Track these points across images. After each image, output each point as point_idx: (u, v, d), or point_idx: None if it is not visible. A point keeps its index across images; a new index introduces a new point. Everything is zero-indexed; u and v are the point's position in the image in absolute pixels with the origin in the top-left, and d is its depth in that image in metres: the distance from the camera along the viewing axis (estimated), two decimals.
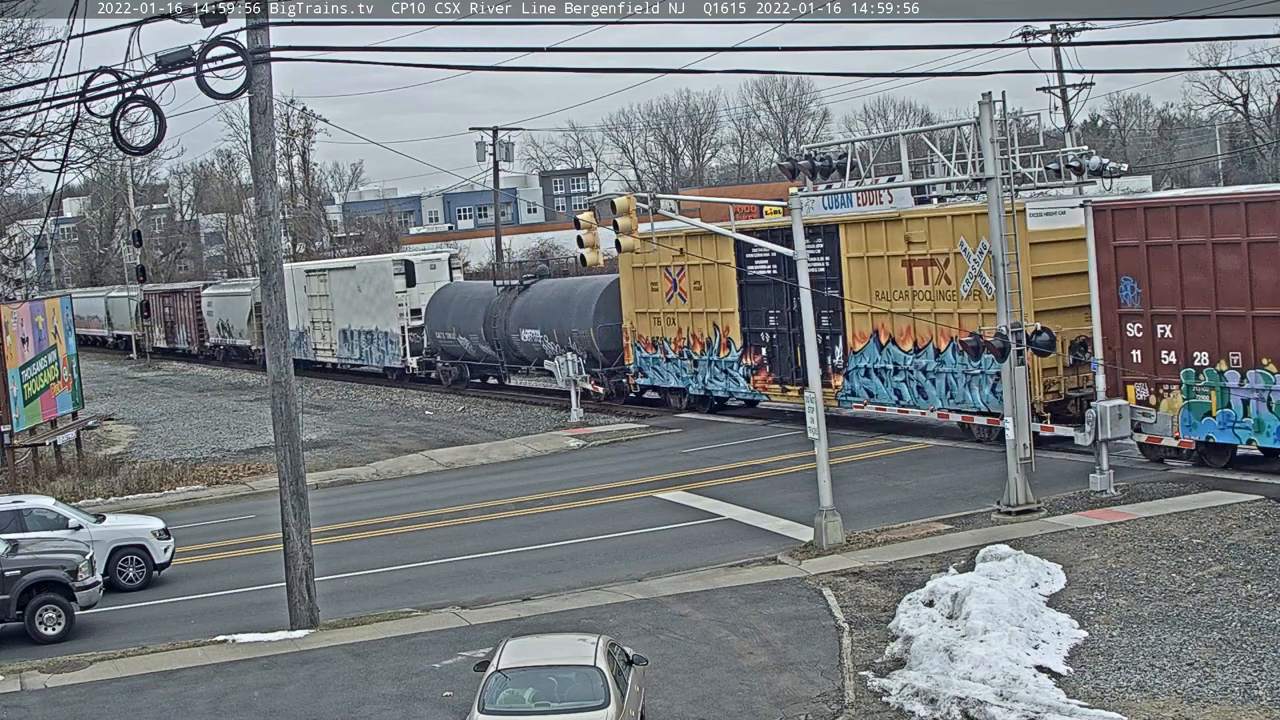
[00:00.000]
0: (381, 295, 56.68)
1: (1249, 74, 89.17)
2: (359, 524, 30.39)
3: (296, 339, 62.30)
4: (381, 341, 56.99)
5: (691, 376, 40.56)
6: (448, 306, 52.74)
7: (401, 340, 55.39)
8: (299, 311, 62.33)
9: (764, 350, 37.70)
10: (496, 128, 68.37)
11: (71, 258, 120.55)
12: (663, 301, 41.24)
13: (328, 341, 62.30)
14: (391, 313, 55.97)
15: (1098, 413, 26.04)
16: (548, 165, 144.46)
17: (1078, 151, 27.73)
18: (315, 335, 63.40)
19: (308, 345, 63.70)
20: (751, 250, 36.54)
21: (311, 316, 63.37)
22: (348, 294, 59.76)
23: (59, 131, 32.48)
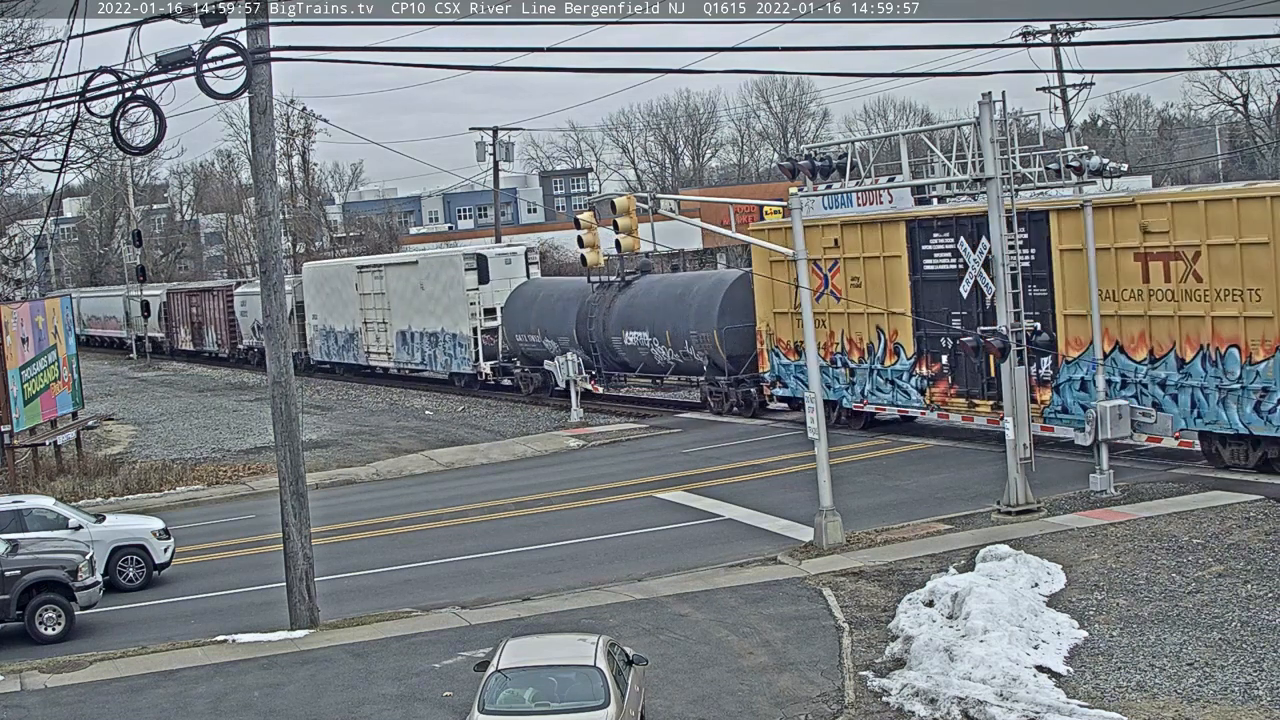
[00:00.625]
0: (449, 293, 51.71)
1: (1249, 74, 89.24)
2: (359, 524, 30.39)
3: (345, 341, 60.56)
4: (448, 344, 52.12)
5: (846, 388, 34.97)
6: (530, 305, 47.84)
7: (473, 343, 50.70)
8: (349, 311, 59.56)
9: (944, 358, 32.41)
10: (496, 128, 68.39)
11: (71, 258, 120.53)
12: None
13: (383, 344, 57.50)
14: (461, 312, 50.98)
15: (1098, 413, 26.04)
16: (548, 165, 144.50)
17: (1078, 151, 27.69)
18: (368, 337, 58.64)
19: (358, 348, 59.67)
20: (931, 240, 32.51)
21: (364, 317, 58.69)
22: (408, 292, 54.94)
23: (59, 131, 32.52)
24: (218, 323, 75.12)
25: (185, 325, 79.62)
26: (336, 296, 61.06)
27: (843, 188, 29.20)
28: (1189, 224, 26.79)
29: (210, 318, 76.24)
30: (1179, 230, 27.00)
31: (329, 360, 63.09)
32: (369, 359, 58.93)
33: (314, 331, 63.65)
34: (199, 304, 77.66)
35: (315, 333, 63.59)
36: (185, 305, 79.56)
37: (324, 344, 62.89)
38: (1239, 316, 25.87)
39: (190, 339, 79.10)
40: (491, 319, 50.07)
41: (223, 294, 74.60)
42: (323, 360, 63.77)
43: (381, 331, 57.32)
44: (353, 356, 60.09)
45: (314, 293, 63.39)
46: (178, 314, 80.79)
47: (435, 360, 53.45)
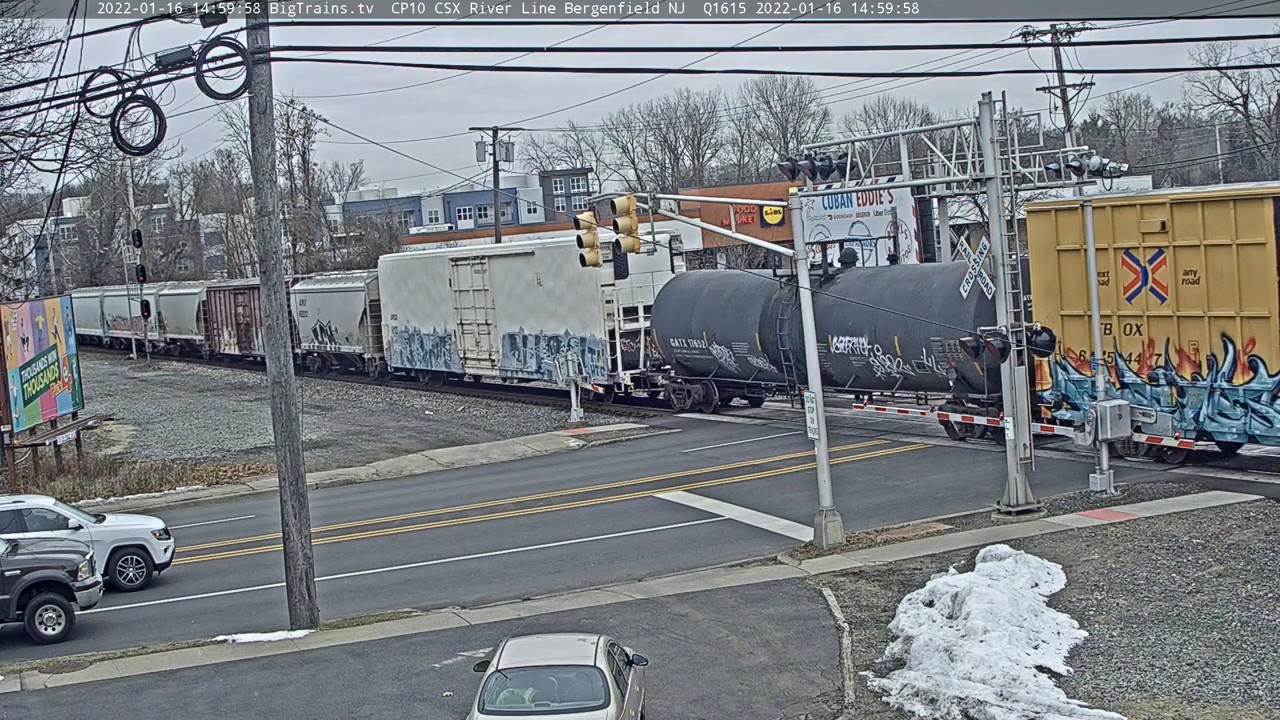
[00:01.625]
0: (576, 289, 44.14)
1: (1249, 74, 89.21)
2: (359, 524, 30.39)
3: (434, 345, 53.77)
4: (574, 350, 44.51)
5: (1173, 411, 27.60)
6: (691, 304, 40.24)
7: (608, 349, 43.17)
8: (439, 311, 52.66)
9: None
10: (496, 128, 68.37)
11: (71, 258, 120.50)
12: (1116, 300, 28.15)
13: (484, 349, 50.02)
14: (593, 312, 43.59)
15: (1098, 413, 26.04)
16: (548, 165, 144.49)
17: (1078, 151, 27.70)
18: (465, 341, 51.29)
19: (451, 353, 52.52)
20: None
21: (460, 317, 51.53)
22: (519, 288, 47.54)
23: (59, 131, 32.48)
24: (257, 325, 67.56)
25: (228, 327, 72.45)
26: (423, 294, 54.27)
27: (843, 188, 29.21)
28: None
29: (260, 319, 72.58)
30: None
31: (411, 367, 56.40)
32: (465, 366, 51.97)
33: (392, 334, 56.91)
34: (246, 303, 69.46)
35: (394, 335, 56.76)
36: (229, 305, 72.48)
37: (405, 348, 56.17)
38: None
39: (235, 342, 71.88)
40: (631, 320, 42.57)
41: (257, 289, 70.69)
42: (403, 367, 57.08)
43: (483, 334, 50.24)
44: (443, 363, 53.14)
45: (393, 290, 56.60)
46: (219, 314, 73.55)
47: (556, 368, 45.37)
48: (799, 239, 25.09)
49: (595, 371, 43.68)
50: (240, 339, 71.30)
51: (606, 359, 43.19)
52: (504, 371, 49.73)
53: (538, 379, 48.15)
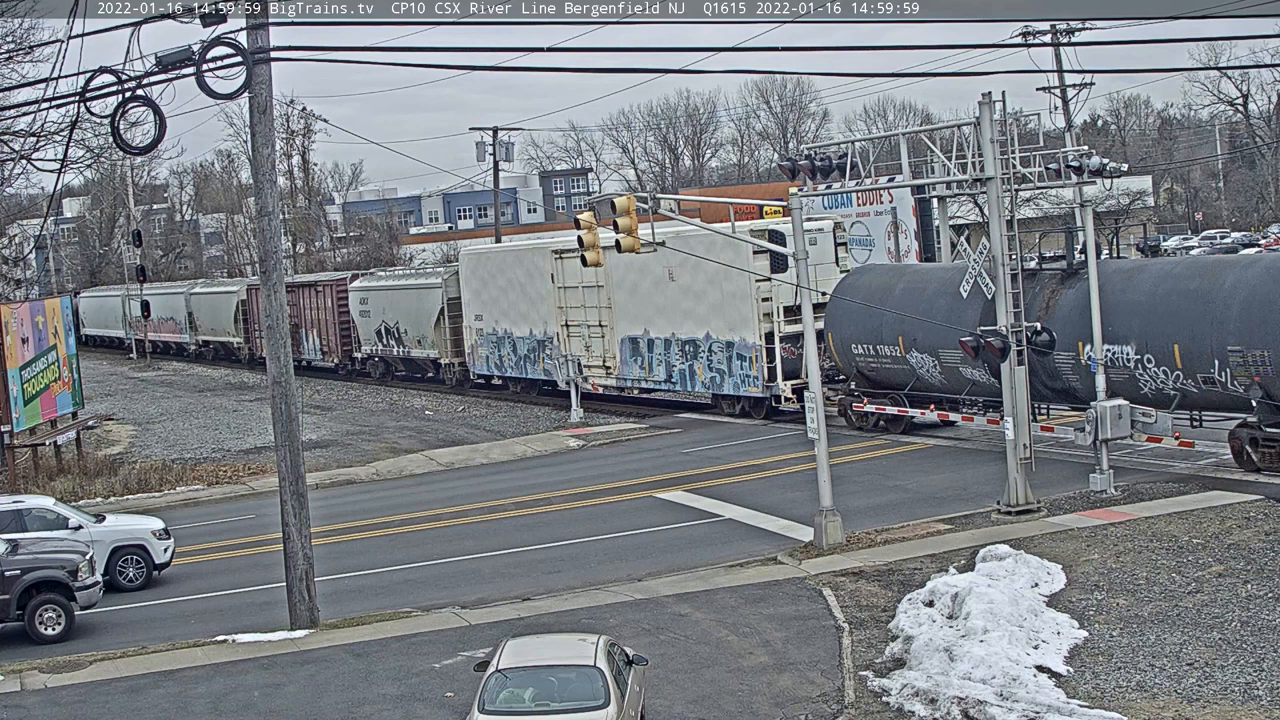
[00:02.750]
0: (722, 286, 38.24)
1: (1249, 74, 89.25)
2: (359, 524, 30.39)
3: (530, 350, 47.88)
4: (718, 357, 39.05)
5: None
6: (880, 303, 33.24)
7: (764, 356, 37.49)
8: (539, 310, 46.72)
9: None
10: (496, 128, 68.37)
11: (71, 258, 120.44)
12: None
13: (597, 355, 44.01)
14: (745, 313, 37.79)
15: (1098, 413, 26.04)
16: (548, 165, 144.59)
17: (1078, 151, 27.70)
18: (571, 345, 45.14)
19: (553, 357, 46.15)
20: None
21: (566, 317, 45.33)
22: (645, 284, 41.49)
23: (59, 131, 32.51)
24: (324, 325, 62.20)
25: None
26: (517, 291, 48.03)
27: (843, 188, 29.21)
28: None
29: (312, 319, 63.26)
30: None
31: (500, 374, 50.58)
32: (581, 372, 45.45)
33: (477, 336, 50.87)
34: (294, 301, 63.06)
35: (479, 339, 50.75)
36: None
37: (492, 353, 50.09)
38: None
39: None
40: (793, 322, 35.49)
41: (331, 289, 61.62)
42: (490, 374, 51.21)
43: (595, 338, 44.00)
44: (541, 370, 47.08)
45: (478, 286, 50.65)
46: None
47: (693, 379, 39.93)
48: (799, 239, 25.09)
49: (746, 381, 37.89)
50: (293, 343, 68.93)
51: (761, 367, 37.37)
52: (623, 380, 43.50)
53: (665, 390, 41.43)
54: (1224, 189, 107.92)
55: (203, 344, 77.29)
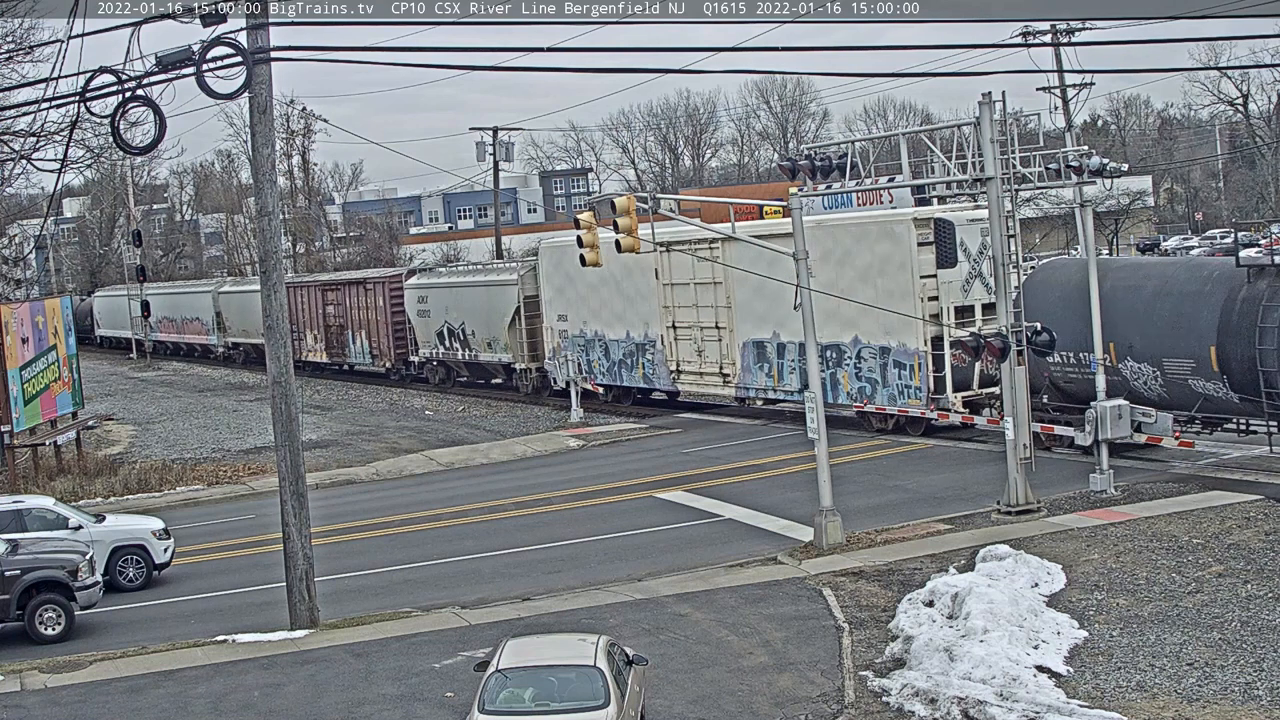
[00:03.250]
0: (876, 283, 33.29)
1: (1249, 74, 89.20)
2: (359, 524, 30.39)
3: (628, 354, 42.82)
4: (868, 365, 33.98)
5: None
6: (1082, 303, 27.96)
7: (927, 362, 32.61)
8: (639, 310, 41.88)
9: None
10: (496, 128, 68.36)
11: (71, 258, 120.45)
12: None
13: (713, 361, 39.24)
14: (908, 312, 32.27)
15: (1098, 413, 26.04)
16: (548, 165, 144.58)
17: (1078, 151, 27.69)
18: (680, 349, 40.47)
19: (656, 364, 41.49)
20: None
21: (672, 318, 40.35)
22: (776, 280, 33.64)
23: (59, 131, 32.49)
24: (374, 326, 56.99)
25: (314, 329, 61.81)
26: (611, 287, 42.81)
27: (843, 188, 29.20)
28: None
29: (360, 319, 58.04)
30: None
31: (592, 381, 44.65)
32: (679, 381, 40.33)
33: (559, 339, 45.77)
34: (339, 300, 59.25)
35: (564, 341, 45.55)
36: (315, 303, 61.42)
37: (580, 357, 44.80)
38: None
39: (323, 348, 61.42)
40: (965, 323, 32.11)
41: (383, 286, 56.32)
42: (577, 381, 44.29)
43: (709, 341, 39.32)
44: (641, 376, 42.16)
45: (561, 283, 45.39)
46: (302, 315, 62.21)
47: (835, 388, 35.26)
48: (799, 239, 25.09)
49: (906, 393, 33.11)
50: (330, 343, 60.54)
51: (925, 376, 32.43)
52: (744, 389, 38.50)
53: (797, 402, 35.13)
54: (1224, 189, 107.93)
55: (232, 347, 71.90)
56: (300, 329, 61.83)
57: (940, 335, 32.18)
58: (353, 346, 58.61)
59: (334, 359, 61.00)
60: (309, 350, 62.15)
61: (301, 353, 61.52)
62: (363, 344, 58.08)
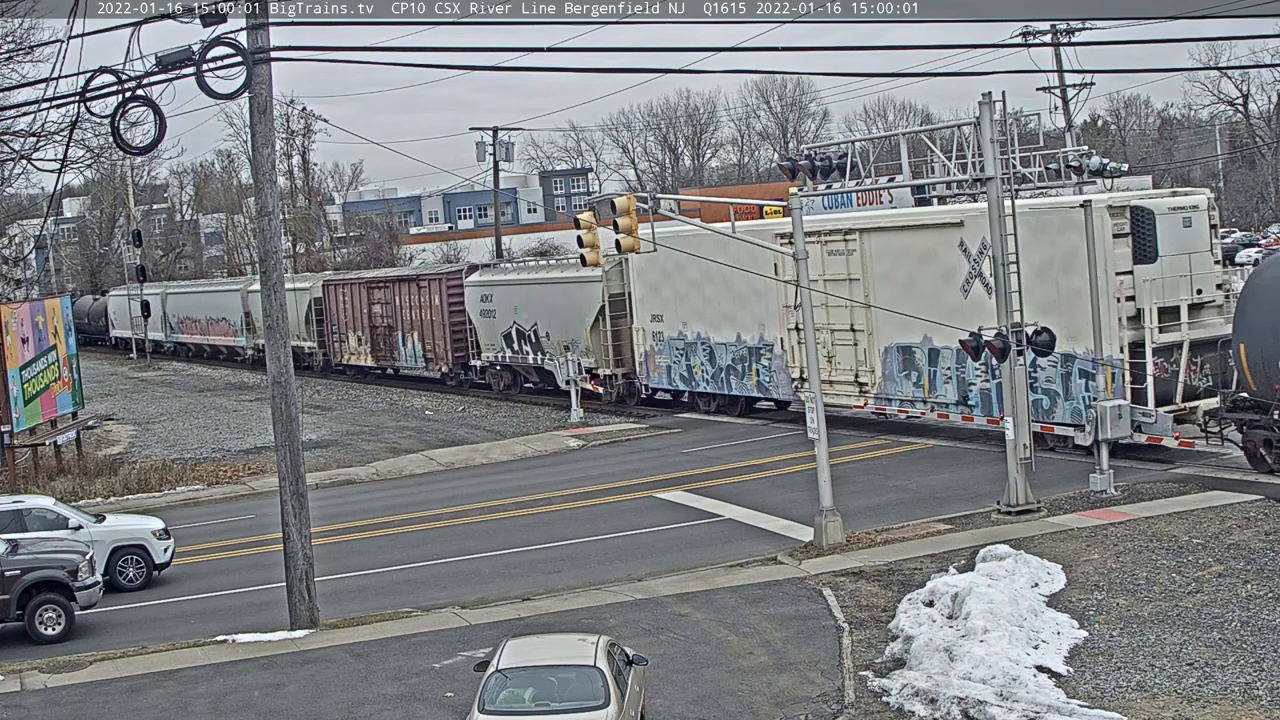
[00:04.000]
0: (1059, 280, 28.87)
1: (1249, 74, 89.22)
2: (359, 524, 30.39)
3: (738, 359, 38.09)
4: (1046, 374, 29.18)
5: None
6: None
7: (1123, 373, 27.97)
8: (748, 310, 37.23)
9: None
10: (496, 128, 68.35)
11: (71, 258, 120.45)
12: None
13: (846, 366, 34.68)
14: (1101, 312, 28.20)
15: (1098, 413, 26.04)
16: (548, 165, 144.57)
17: (1078, 151, 27.70)
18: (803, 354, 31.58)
19: (773, 370, 36.88)
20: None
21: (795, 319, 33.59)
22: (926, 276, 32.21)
23: (59, 131, 32.50)
24: (428, 327, 52.44)
25: (357, 331, 57.23)
26: (718, 284, 37.93)
27: (843, 188, 29.22)
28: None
29: (412, 320, 53.63)
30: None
31: (689, 389, 40.70)
32: (801, 390, 34.60)
33: (653, 342, 41.69)
34: (387, 299, 54.89)
35: (656, 344, 41.51)
36: (359, 302, 56.97)
37: (677, 363, 40.48)
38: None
39: (368, 350, 56.64)
40: (1170, 328, 27.95)
41: (441, 284, 51.67)
42: (672, 388, 41.32)
43: (842, 345, 34.79)
44: (756, 385, 37.58)
45: (656, 279, 40.91)
46: (343, 315, 58.24)
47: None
48: (799, 239, 25.10)
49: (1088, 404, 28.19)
50: (377, 346, 55.74)
51: (1119, 388, 27.84)
52: (884, 399, 33.86)
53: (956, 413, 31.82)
54: (1224, 189, 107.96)
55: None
56: (341, 330, 58.73)
57: (1141, 340, 27.83)
58: (403, 349, 53.87)
59: (380, 362, 56.53)
60: (351, 353, 58.30)
61: (342, 355, 59.02)
62: (414, 347, 53.43)
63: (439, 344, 51.97)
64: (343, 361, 59.15)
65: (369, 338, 56.64)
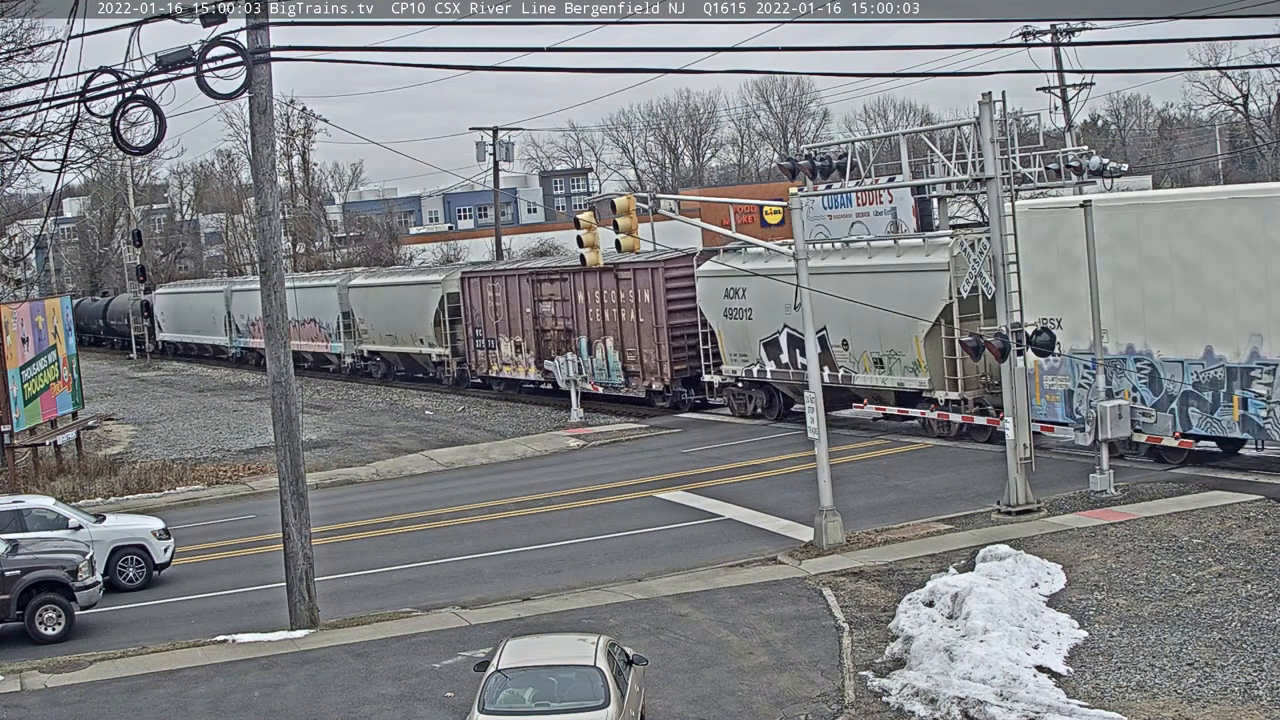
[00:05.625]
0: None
1: (1249, 74, 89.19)
2: (359, 524, 30.39)
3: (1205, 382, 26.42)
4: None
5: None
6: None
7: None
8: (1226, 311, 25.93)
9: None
10: (496, 128, 68.37)
11: (71, 258, 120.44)
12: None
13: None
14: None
15: (1098, 413, 26.04)
16: (548, 165, 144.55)
17: (1078, 151, 27.71)
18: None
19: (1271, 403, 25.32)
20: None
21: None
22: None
23: (59, 131, 32.54)
24: (628, 331, 41.48)
25: (516, 334, 46.74)
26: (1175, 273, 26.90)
27: (843, 188, 29.22)
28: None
29: (603, 322, 42.69)
30: None
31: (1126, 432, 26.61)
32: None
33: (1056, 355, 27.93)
34: (564, 294, 44.36)
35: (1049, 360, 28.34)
36: (518, 299, 46.71)
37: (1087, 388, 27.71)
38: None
39: (530, 360, 46.27)
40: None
41: (655, 274, 40.31)
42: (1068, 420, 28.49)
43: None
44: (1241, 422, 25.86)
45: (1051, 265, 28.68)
46: (493, 315, 48.03)
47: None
48: (799, 239, 25.10)
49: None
50: (545, 354, 45.31)
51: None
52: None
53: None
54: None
55: (369, 356, 57.67)
56: (489, 334, 48.40)
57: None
58: (589, 359, 43.53)
59: (547, 375, 45.20)
60: (506, 363, 47.60)
61: (489, 366, 48.65)
62: (606, 355, 42.71)
63: (648, 353, 40.66)
64: (490, 373, 48.94)
65: (533, 344, 45.98)
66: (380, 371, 58.02)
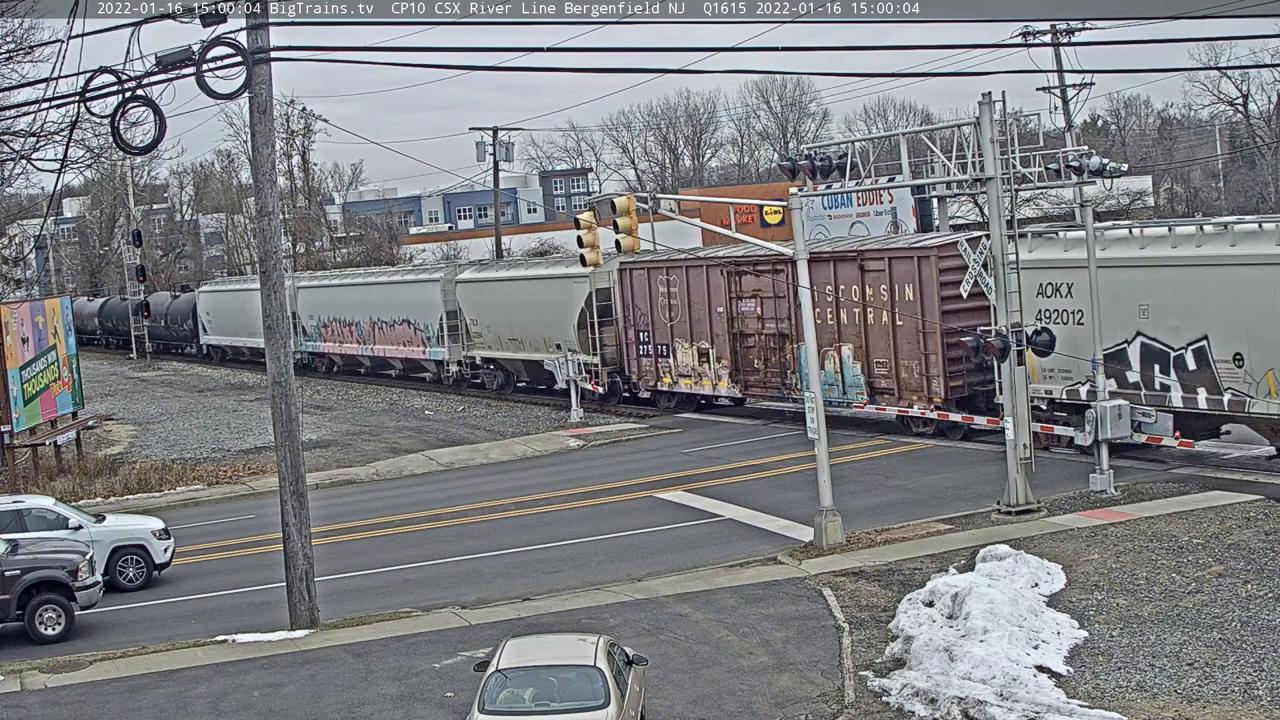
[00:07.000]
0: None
1: (1249, 74, 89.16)
2: (359, 524, 30.39)
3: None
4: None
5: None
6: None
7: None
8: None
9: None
10: (496, 128, 68.31)
11: (71, 258, 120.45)
12: None
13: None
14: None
15: (1098, 413, 26.04)
16: (548, 165, 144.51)
17: (1078, 151, 27.69)
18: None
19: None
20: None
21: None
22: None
23: (59, 131, 32.49)
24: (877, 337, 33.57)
25: (699, 340, 39.16)
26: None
27: (843, 188, 29.21)
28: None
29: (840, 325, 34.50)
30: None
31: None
32: None
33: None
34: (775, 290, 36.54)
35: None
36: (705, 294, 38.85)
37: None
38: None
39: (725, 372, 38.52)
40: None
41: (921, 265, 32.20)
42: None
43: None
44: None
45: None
46: (661, 314, 40.52)
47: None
48: (799, 239, 25.10)
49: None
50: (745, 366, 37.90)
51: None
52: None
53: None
54: (1224, 189, 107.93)
55: (481, 364, 50.05)
56: (657, 338, 40.82)
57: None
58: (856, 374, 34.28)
59: (755, 393, 38.22)
60: (683, 373, 39.95)
61: (660, 377, 40.71)
62: (840, 367, 34.49)
63: (912, 365, 32.76)
64: (660, 386, 41.01)
65: (727, 351, 38.14)
66: (496, 382, 50.03)
